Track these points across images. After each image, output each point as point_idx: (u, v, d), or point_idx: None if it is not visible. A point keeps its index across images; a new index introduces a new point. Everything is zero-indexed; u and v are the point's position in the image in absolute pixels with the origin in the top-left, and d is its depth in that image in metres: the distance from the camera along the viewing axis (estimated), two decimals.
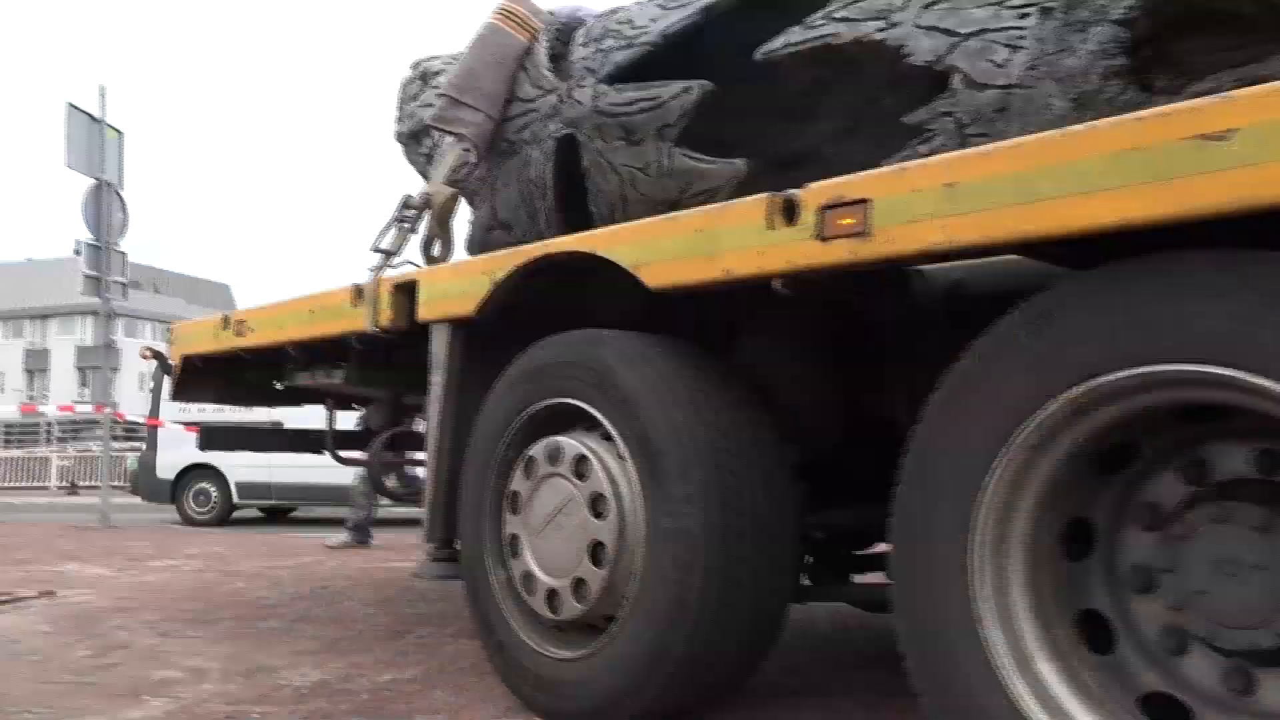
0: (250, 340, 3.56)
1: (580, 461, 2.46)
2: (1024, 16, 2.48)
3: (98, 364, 11.58)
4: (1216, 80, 2.27)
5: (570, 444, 2.49)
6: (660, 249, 2.28)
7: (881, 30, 2.63)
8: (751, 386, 2.49)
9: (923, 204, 1.83)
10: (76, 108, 10.36)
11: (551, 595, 2.51)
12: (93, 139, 10.53)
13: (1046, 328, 1.72)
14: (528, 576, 2.58)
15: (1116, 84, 2.36)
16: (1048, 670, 1.75)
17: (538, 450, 2.58)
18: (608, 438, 2.43)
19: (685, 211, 2.30)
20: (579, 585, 2.42)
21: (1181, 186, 1.53)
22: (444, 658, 3.34)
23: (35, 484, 22.68)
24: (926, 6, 2.59)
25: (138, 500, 12.21)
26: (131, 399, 26.03)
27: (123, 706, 2.78)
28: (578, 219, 3.20)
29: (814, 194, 2.01)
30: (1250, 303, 1.47)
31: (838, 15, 2.70)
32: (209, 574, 5.85)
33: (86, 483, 20.40)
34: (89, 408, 11.82)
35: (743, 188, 2.80)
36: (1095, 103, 2.37)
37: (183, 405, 9.16)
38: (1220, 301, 1.50)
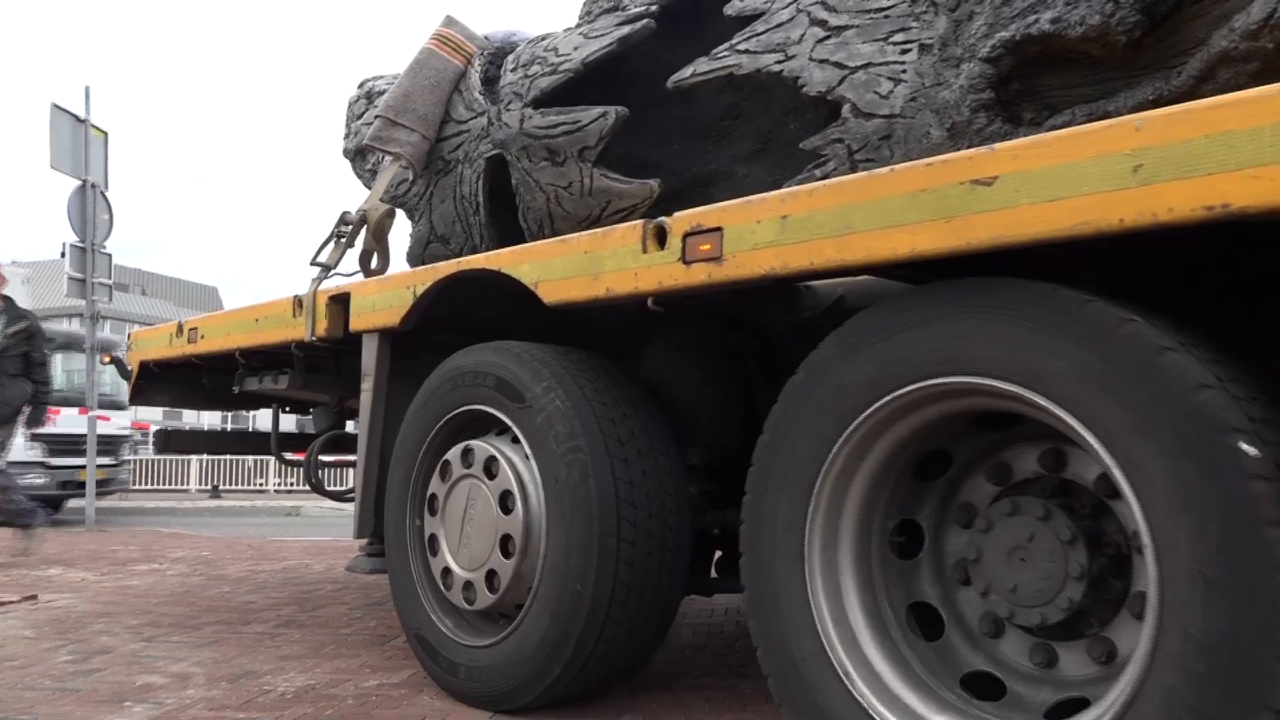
0: (202, 347, 3.93)
1: (467, 453, 2.91)
2: (905, 52, 2.81)
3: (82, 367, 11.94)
4: (1071, 114, 2.60)
5: (456, 448, 2.94)
6: (554, 268, 2.63)
7: (779, 62, 2.97)
8: (645, 389, 2.84)
9: (763, 233, 2.17)
10: (61, 108, 10.70)
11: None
12: (77, 139, 10.83)
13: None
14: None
15: (984, 116, 2.68)
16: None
17: (433, 485, 3.05)
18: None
19: (577, 234, 2.63)
20: (505, 540, 2.78)
21: (959, 224, 1.86)
22: None
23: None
24: (820, 41, 2.92)
25: (122, 504, 12.58)
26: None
27: (105, 712, 2.87)
28: (511, 233, 3.55)
29: (680, 221, 2.35)
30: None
31: (740, 48, 3.04)
32: (194, 578, 6.01)
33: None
34: (74, 410, 12.00)
35: (662, 206, 3.15)
36: (967, 133, 2.69)
37: None
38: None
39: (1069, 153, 1.73)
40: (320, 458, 3.92)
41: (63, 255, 11.10)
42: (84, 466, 11.34)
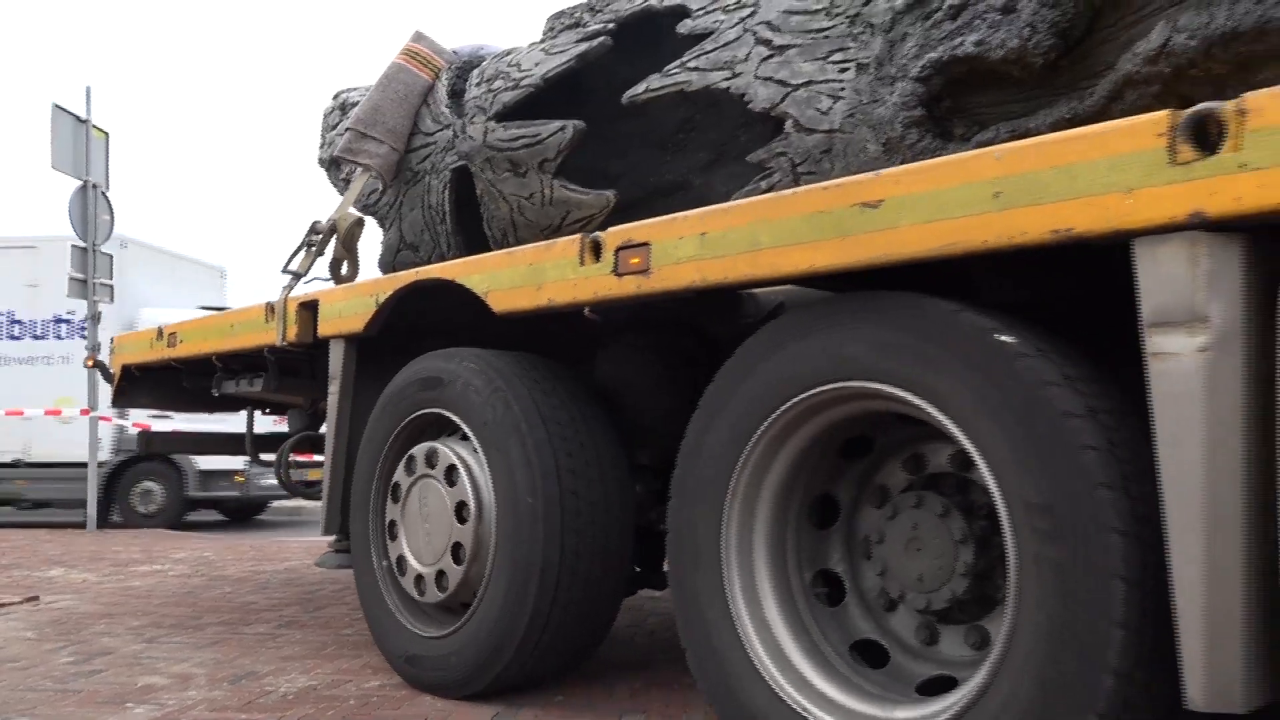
0: (181, 351, 4.18)
1: (410, 462, 3.18)
2: (844, 71, 3.01)
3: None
4: (995, 131, 2.79)
5: (400, 466, 3.24)
6: (502, 279, 2.85)
7: (726, 80, 3.18)
8: (595, 391, 3.07)
9: (685, 248, 2.38)
10: (62, 108, 10.95)
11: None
12: (78, 140, 11.07)
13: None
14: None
15: (916, 132, 2.87)
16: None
17: (390, 512, 3.32)
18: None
19: (523, 247, 2.85)
20: (460, 508, 3.01)
21: (852, 242, 2.07)
22: None
23: None
24: (764, 59, 3.13)
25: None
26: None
27: (106, 714, 2.94)
28: (477, 241, 3.77)
29: (613, 236, 2.56)
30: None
31: (690, 65, 3.25)
32: (195, 579, 6.10)
33: None
34: (75, 410, 12.23)
35: (621, 215, 3.36)
36: (900, 148, 2.89)
37: None
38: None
39: (942, 179, 1.93)
40: (292, 457, 4.17)
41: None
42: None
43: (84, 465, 11.21)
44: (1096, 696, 1.69)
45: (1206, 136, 1.61)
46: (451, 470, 3.01)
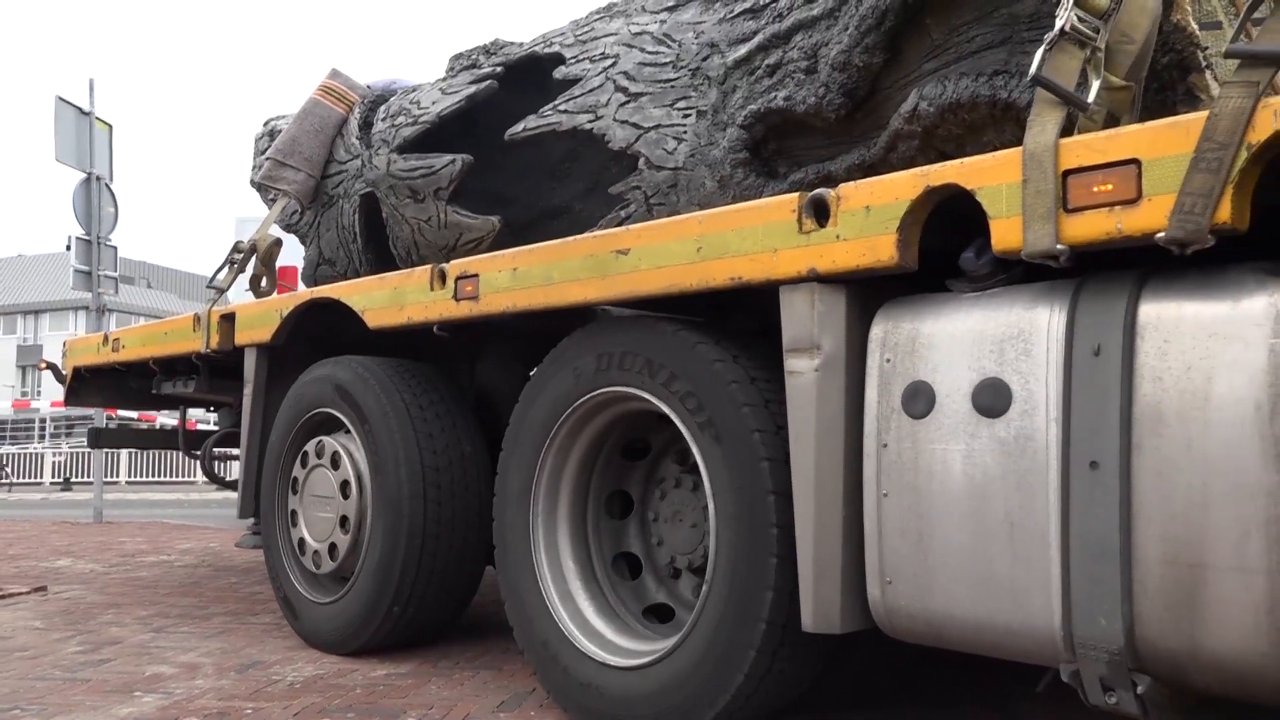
0: (123, 355, 4.87)
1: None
2: (686, 116, 3.59)
3: None
4: (805, 172, 3.36)
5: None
6: (375, 299, 3.47)
7: (590, 122, 3.77)
8: (462, 390, 3.69)
9: (502, 280, 2.99)
10: (65, 100, 11.59)
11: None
12: (82, 132, 11.61)
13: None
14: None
15: (742, 171, 3.45)
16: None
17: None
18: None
19: (391, 273, 3.47)
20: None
21: (610, 280, 2.66)
22: (438, 652, 3.66)
23: (29, 480, 24.82)
24: (622, 105, 3.72)
25: (132, 496, 13.43)
26: None
27: (114, 702, 3.08)
28: (386, 259, 4.40)
29: (453, 268, 3.17)
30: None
31: (561, 108, 3.84)
32: (202, 569, 6.33)
33: (80, 478, 22.60)
34: None
35: (517, 237, 3.96)
36: (730, 185, 3.47)
37: None
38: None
39: (667, 235, 2.52)
40: (215, 451, 4.86)
41: (68, 248, 12.03)
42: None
43: None
44: (768, 576, 2.31)
45: (823, 212, 2.20)
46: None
